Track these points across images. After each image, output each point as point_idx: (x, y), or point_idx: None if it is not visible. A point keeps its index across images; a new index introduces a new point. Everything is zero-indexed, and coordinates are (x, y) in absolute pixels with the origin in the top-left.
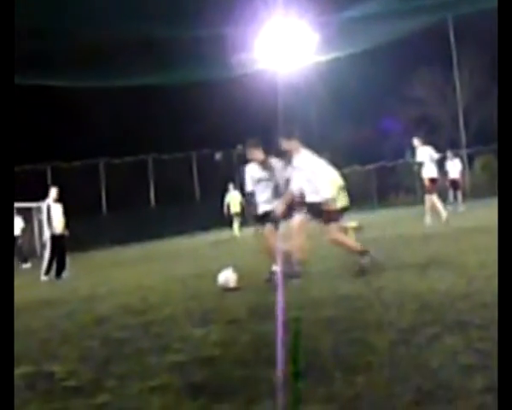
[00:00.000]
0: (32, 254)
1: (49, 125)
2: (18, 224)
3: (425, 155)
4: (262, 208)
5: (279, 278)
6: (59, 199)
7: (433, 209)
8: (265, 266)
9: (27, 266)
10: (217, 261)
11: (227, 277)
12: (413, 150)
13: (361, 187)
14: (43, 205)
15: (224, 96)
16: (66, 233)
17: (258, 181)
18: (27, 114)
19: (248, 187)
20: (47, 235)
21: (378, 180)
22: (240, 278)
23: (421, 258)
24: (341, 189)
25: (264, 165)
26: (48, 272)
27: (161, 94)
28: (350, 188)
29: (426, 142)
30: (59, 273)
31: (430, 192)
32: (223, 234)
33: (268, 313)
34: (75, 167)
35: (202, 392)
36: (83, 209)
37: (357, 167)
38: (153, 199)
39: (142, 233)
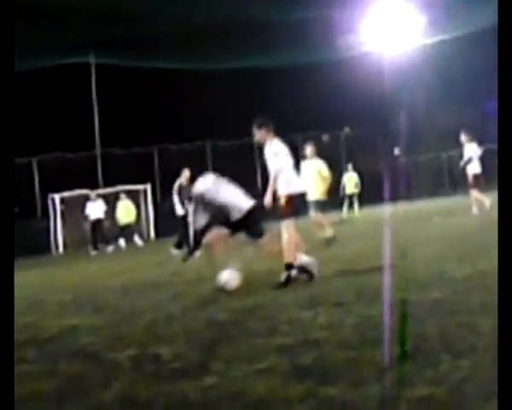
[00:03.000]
0: (140, 236)
1: (156, 107)
2: (100, 207)
3: (472, 151)
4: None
5: (386, 260)
6: (191, 180)
7: (477, 201)
8: (373, 250)
9: (110, 248)
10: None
11: (228, 277)
12: (461, 147)
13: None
14: (175, 184)
15: (331, 78)
16: None
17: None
18: (134, 96)
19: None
20: (179, 213)
21: (483, 163)
22: (346, 262)
23: None
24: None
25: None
26: (179, 246)
27: (268, 76)
28: (456, 171)
29: (472, 138)
30: (191, 252)
31: (474, 187)
32: (337, 216)
33: (374, 295)
34: (182, 149)
35: (309, 375)
36: None
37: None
38: (259, 181)
39: None
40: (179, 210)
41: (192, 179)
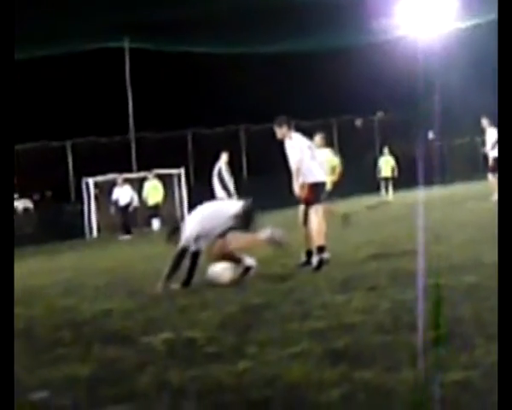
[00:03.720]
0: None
1: (190, 91)
2: (128, 192)
3: (493, 136)
4: None
5: (420, 243)
6: (229, 162)
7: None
8: (407, 234)
9: (127, 237)
10: (360, 229)
11: (219, 271)
12: (482, 131)
13: None
14: (216, 169)
15: (365, 62)
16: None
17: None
18: (168, 80)
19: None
20: (220, 196)
21: None
22: (380, 246)
23: None
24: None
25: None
26: None
27: (301, 61)
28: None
29: (492, 123)
30: None
31: (493, 171)
32: (371, 199)
33: (408, 279)
34: (216, 133)
35: (343, 359)
36: None
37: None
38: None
39: (282, 200)
40: (219, 193)
41: (231, 162)
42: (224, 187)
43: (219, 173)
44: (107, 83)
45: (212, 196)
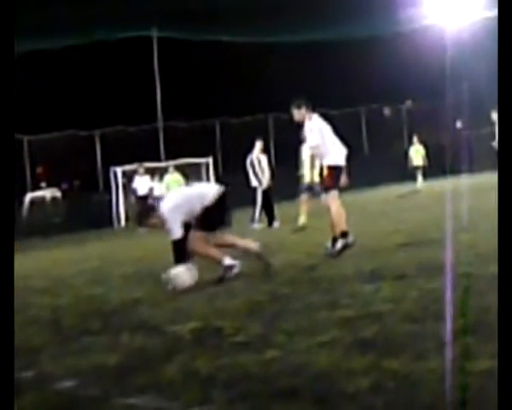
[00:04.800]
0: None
1: (218, 80)
2: (146, 183)
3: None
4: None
5: (448, 233)
6: (265, 151)
7: None
8: (434, 223)
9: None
10: (388, 218)
11: (179, 273)
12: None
13: None
14: (249, 157)
15: (392, 51)
16: (271, 184)
17: None
18: (196, 69)
19: None
20: (254, 184)
21: None
22: (408, 235)
23: None
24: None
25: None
26: (259, 220)
27: (329, 50)
28: None
29: None
30: (270, 223)
31: None
32: (400, 189)
33: (436, 269)
34: (244, 122)
35: (371, 348)
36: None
37: None
38: None
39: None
40: (254, 182)
41: (265, 150)
42: (256, 175)
43: (252, 162)
44: (136, 72)
45: (239, 184)
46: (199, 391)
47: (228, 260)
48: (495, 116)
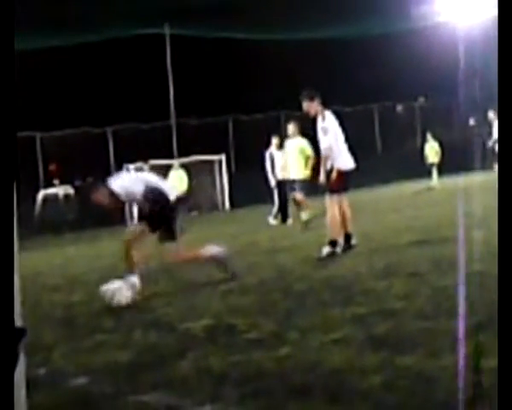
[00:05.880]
0: (212, 207)
1: (231, 77)
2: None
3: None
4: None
5: (461, 230)
6: (281, 146)
7: None
8: (448, 220)
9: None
10: (402, 215)
11: (116, 289)
12: (489, 125)
13: None
14: (267, 153)
15: (405, 48)
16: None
17: None
18: (209, 67)
19: None
20: (272, 182)
21: None
22: (421, 232)
23: None
24: None
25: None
26: (276, 216)
27: (341, 47)
28: None
29: None
30: (284, 219)
31: None
32: (413, 186)
33: (449, 266)
34: (256, 119)
35: (384, 345)
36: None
37: None
38: None
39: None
40: (271, 178)
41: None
42: (273, 172)
43: (272, 156)
44: (149, 69)
45: (253, 181)
46: (211, 388)
47: (215, 249)
48: (493, 116)
